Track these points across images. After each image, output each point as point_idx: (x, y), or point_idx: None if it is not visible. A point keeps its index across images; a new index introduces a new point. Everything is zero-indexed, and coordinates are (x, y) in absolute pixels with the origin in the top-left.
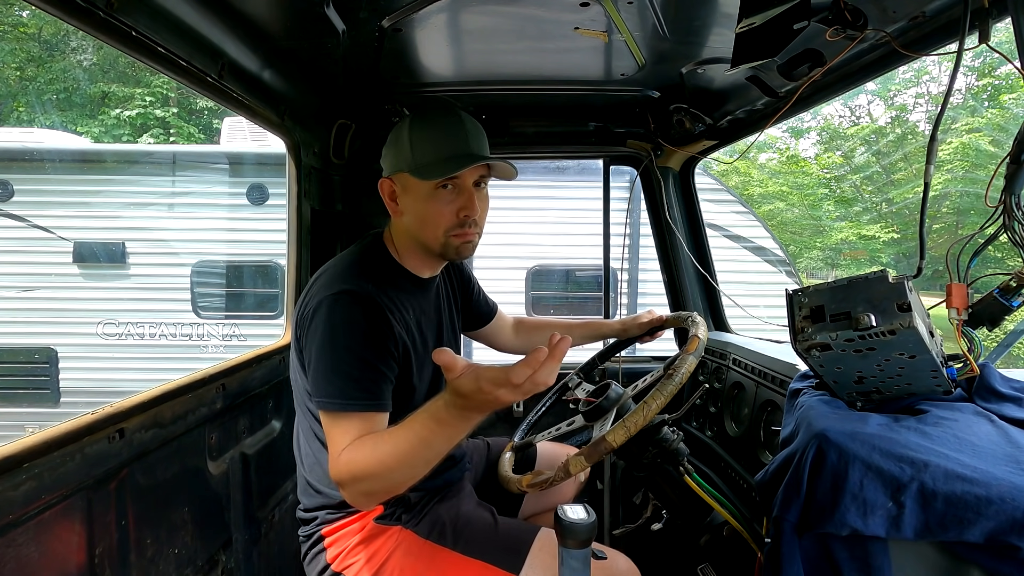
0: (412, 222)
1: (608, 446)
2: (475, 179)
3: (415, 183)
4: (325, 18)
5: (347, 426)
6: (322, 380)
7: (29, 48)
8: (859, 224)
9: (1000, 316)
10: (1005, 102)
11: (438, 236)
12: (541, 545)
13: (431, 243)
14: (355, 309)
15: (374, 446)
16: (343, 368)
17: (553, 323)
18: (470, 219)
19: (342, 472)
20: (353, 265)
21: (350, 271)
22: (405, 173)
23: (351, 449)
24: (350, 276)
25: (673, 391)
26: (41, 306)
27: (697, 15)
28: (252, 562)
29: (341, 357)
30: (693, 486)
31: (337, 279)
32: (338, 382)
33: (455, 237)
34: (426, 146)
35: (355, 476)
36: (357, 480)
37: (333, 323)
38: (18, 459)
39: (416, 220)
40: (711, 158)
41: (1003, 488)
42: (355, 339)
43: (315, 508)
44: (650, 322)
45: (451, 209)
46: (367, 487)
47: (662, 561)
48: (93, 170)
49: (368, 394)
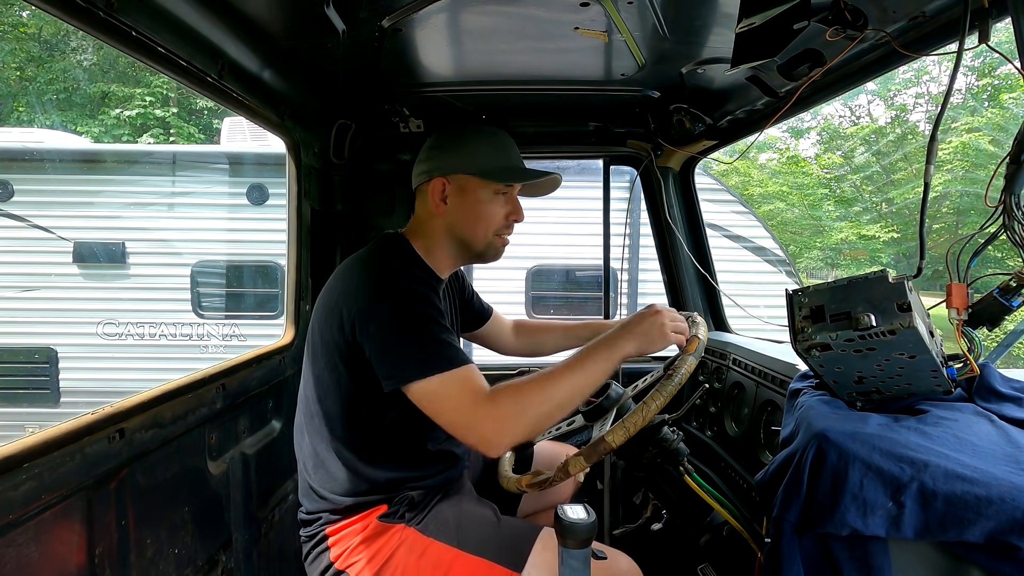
0: (463, 221)
1: (607, 446)
2: (519, 190)
3: (477, 185)
4: (325, 18)
5: (463, 380)
6: (414, 353)
7: (29, 48)
8: (859, 224)
9: (1000, 316)
10: (1005, 102)
11: (488, 235)
12: (544, 544)
13: (477, 242)
14: (412, 286)
15: (523, 380)
16: (432, 335)
17: (554, 325)
18: (516, 222)
19: (490, 414)
20: (387, 256)
21: (387, 260)
22: (467, 175)
23: (497, 392)
24: (390, 263)
25: (673, 391)
26: (41, 306)
27: (697, 15)
28: (252, 562)
29: (425, 328)
30: (693, 486)
31: (379, 268)
32: (432, 348)
33: (498, 239)
34: (494, 155)
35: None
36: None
37: (399, 302)
38: (18, 459)
39: (469, 219)
40: (711, 158)
41: (1003, 488)
42: (429, 310)
43: (317, 511)
44: None
45: (503, 212)
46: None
47: (662, 561)
48: (93, 170)
49: (460, 351)
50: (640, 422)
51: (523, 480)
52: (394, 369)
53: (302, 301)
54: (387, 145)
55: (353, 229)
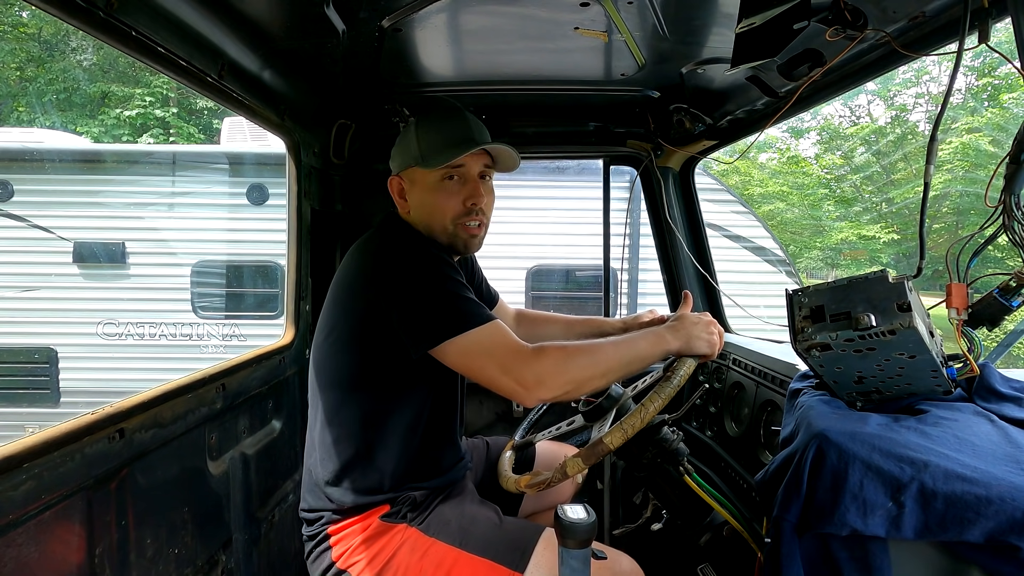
0: (421, 214)
1: (605, 448)
2: (479, 170)
3: (422, 175)
4: (325, 18)
5: (501, 333)
6: (446, 312)
7: (29, 48)
8: (859, 224)
9: (1000, 316)
10: (1005, 102)
11: (446, 225)
12: (546, 544)
13: (440, 234)
14: (428, 251)
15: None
16: (460, 293)
17: (555, 317)
18: (477, 207)
19: (541, 358)
20: (400, 231)
21: (402, 234)
22: (413, 167)
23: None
24: (400, 237)
25: (671, 393)
26: (41, 306)
27: (697, 15)
28: (252, 562)
29: (452, 288)
30: (693, 486)
31: (392, 241)
32: (463, 305)
33: (463, 228)
34: (431, 137)
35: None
36: (562, 364)
37: (420, 266)
38: (18, 459)
39: (425, 211)
40: (711, 158)
41: (1003, 488)
42: (451, 271)
43: (320, 509)
44: (651, 322)
45: (458, 198)
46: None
47: (662, 561)
48: (93, 170)
49: (487, 309)
50: (638, 424)
51: (521, 480)
52: (427, 330)
53: (302, 301)
54: (387, 145)
55: (353, 229)
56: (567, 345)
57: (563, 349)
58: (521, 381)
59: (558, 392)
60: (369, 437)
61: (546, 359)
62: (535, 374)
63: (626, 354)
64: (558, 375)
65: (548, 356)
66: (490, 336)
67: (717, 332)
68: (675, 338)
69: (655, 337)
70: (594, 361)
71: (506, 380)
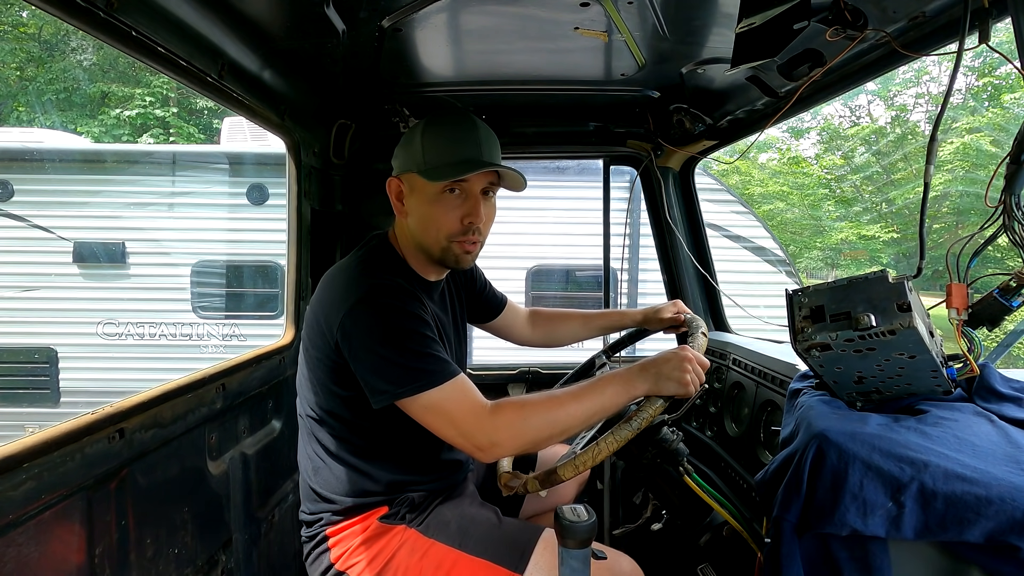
0: (416, 224)
1: (558, 478)
2: (483, 186)
3: (423, 184)
4: (325, 18)
5: (460, 391)
6: (404, 370)
7: (29, 48)
8: (859, 224)
9: (1000, 316)
10: (1005, 102)
11: (440, 240)
12: (545, 545)
13: (432, 247)
14: (395, 299)
15: (529, 397)
16: (419, 350)
17: (572, 313)
18: (474, 226)
19: (496, 419)
20: (369, 265)
21: (368, 271)
22: (414, 173)
23: (501, 405)
24: (372, 273)
25: (628, 437)
26: (41, 306)
27: (697, 15)
28: (252, 562)
29: (412, 343)
30: (693, 486)
31: (360, 281)
32: (421, 363)
33: (457, 244)
34: (438, 148)
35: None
36: (519, 425)
37: (382, 318)
38: (18, 459)
39: (420, 222)
40: (711, 158)
41: (1003, 488)
42: (413, 323)
43: (318, 512)
44: (672, 318)
45: (456, 215)
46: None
47: (662, 561)
48: (93, 170)
49: (449, 363)
50: (589, 462)
51: (502, 478)
52: (385, 386)
53: (302, 301)
54: (387, 145)
55: (353, 229)
56: (527, 402)
57: (521, 409)
58: (477, 444)
59: (514, 452)
60: (363, 441)
61: (501, 420)
62: (489, 438)
63: (589, 408)
64: (513, 438)
65: (504, 417)
66: (449, 397)
67: (694, 370)
68: (643, 381)
69: (622, 384)
70: (552, 421)
71: (462, 442)
